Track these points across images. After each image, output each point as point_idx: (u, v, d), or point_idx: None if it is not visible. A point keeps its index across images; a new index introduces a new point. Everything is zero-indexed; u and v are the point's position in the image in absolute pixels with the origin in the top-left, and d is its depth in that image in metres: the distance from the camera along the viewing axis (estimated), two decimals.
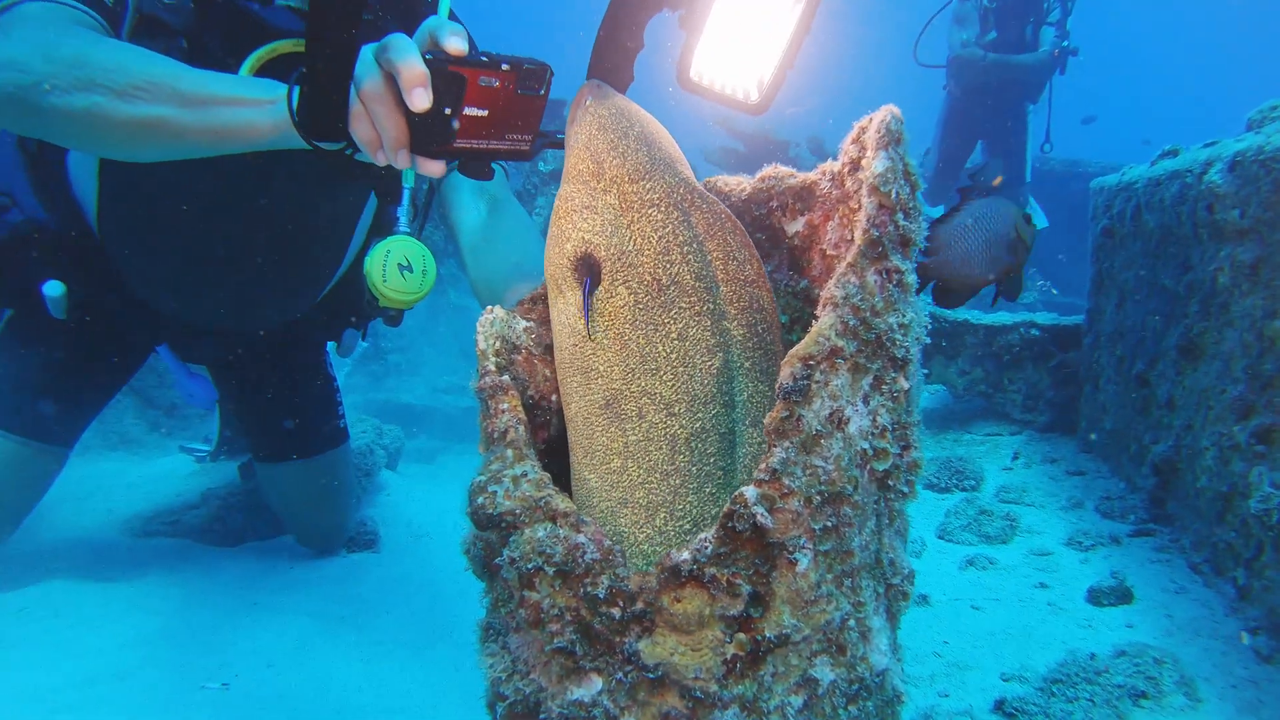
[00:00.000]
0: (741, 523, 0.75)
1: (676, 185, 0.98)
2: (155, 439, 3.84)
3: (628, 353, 0.94)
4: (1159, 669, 1.61)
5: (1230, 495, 1.98)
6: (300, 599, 2.28)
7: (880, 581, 0.87)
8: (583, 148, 1.00)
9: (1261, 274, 1.91)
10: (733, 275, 0.97)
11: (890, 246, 0.80)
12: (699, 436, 0.93)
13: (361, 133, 1.17)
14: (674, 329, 0.94)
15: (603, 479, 0.94)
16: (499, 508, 0.80)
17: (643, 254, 0.95)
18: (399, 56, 1.09)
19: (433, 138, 1.16)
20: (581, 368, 0.96)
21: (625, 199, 0.96)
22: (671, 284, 0.94)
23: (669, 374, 0.93)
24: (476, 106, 1.15)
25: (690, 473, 0.92)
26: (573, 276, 0.97)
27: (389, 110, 1.13)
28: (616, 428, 0.93)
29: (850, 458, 0.79)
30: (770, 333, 0.98)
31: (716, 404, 0.94)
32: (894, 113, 0.85)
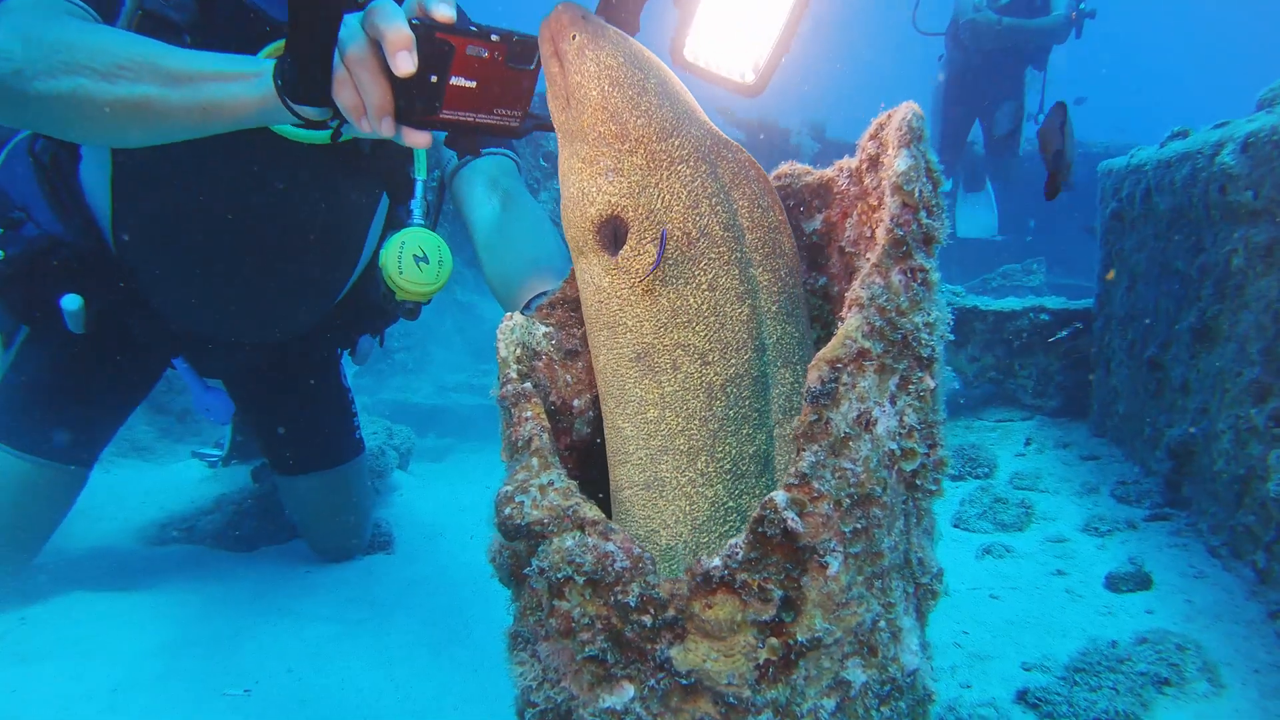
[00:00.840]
0: (772, 528, 0.75)
1: (703, 138, 0.96)
2: (166, 445, 3.86)
3: (658, 308, 0.93)
4: (1181, 655, 1.60)
5: (1248, 478, 1.97)
6: (318, 604, 2.29)
7: (909, 581, 0.87)
8: (598, 108, 0.94)
9: (1276, 255, 1.89)
10: (758, 222, 0.96)
11: (914, 245, 0.80)
12: (734, 382, 0.94)
13: (345, 98, 1.16)
14: (704, 280, 0.93)
15: (639, 428, 0.95)
16: (527, 517, 0.80)
17: (671, 210, 0.93)
18: (384, 20, 1.08)
19: (418, 106, 1.14)
20: (609, 323, 0.96)
21: (653, 158, 0.94)
22: (701, 236, 0.93)
23: (701, 325, 0.93)
24: (464, 77, 1.14)
25: (728, 417, 0.93)
26: (596, 239, 0.95)
27: (373, 75, 1.12)
28: (650, 379, 0.94)
29: (879, 459, 0.79)
30: (793, 276, 0.99)
31: (748, 349, 0.95)
32: (914, 110, 0.84)
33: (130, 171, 1.91)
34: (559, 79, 0.98)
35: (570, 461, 1.04)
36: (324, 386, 2.55)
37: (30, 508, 2.14)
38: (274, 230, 2.00)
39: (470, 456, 4.39)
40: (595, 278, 0.96)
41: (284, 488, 2.58)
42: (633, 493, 0.95)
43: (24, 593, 2.16)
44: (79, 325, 2.01)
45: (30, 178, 2.00)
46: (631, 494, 0.95)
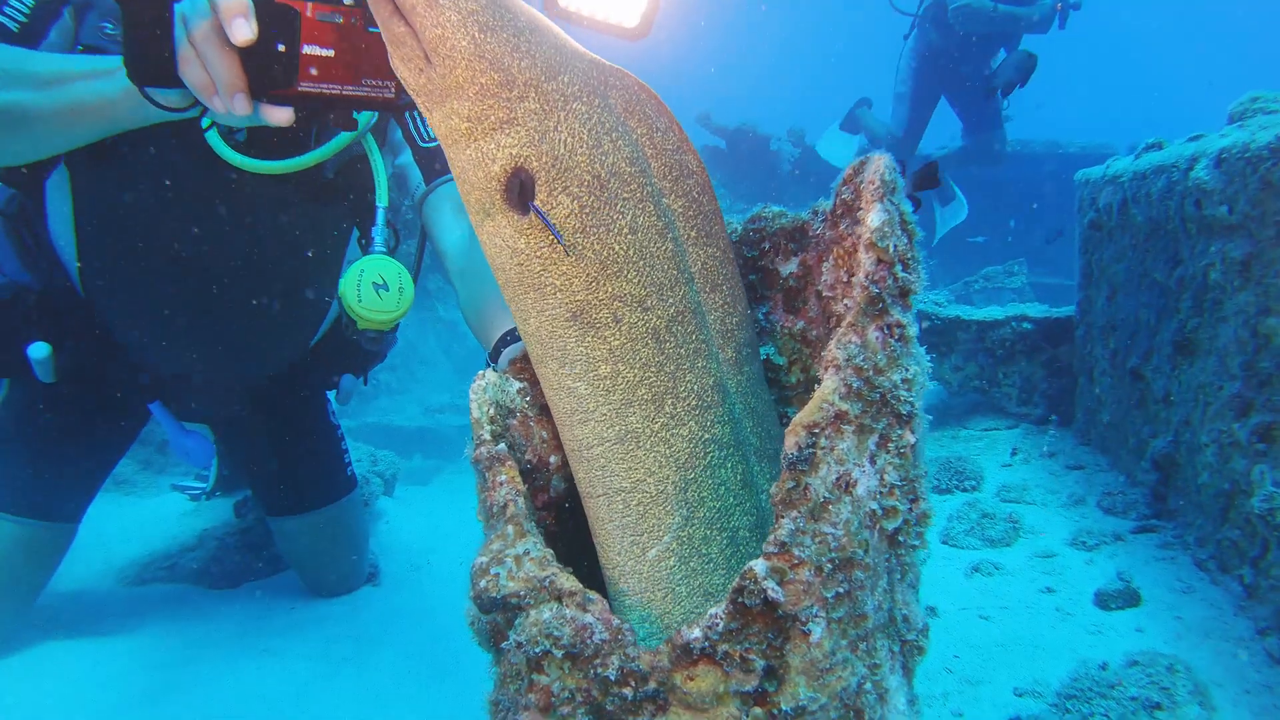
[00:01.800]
0: (752, 598, 0.73)
1: (589, 70, 0.91)
2: (147, 477, 3.79)
3: (585, 261, 0.88)
4: (1172, 678, 1.60)
5: (1232, 493, 1.97)
6: (303, 641, 2.25)
7: (895, 640, 0.86)
8: (472, 59, 0.85)
9: (1253, 270, 1.90)
10: (659, 147, 0.93)
11: (891, 300, 0.78)
12: (677, 320, 0.91)
13: (192, 76, 1.13)
14: (624, 223, 0.89)
15: (593, 385, 0.91)
16: (503, 590, 0.78)
17: (576, 154, 0.87)
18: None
19: (271, 79, 1.09)
20: (534, 285, 0.90)
21: (546, 100, 0.87)
22: (611, 176, 0.89)
23: (632, 271, 0.89)
24: (318, 45, 1.09)
25: (681, 355, 0.91)
26: (504, 199, 0.89)
27: (218, 49, 1.08)
28: (593, 336, 0.90)
29: (860, 521, 0.77)
30: (704, 194, 0.95)
31: (680, 284, 0.92)
32: (888, 163, 0.83)
33: (93, 216, 1.89)
34: (409, 38, 0.88)
35: (548, 517, 1.02)
36: (311, 426, 2.51)
37: (20, 568, 2.11)
38: (241, 267, 1.97)
39: (457, 478, 4.36)
40: (508, 240, 0.90)
41: (277, 530, 2.53)
42: (606, 448, 0.92)
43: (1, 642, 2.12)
44: (48, 374, 1.97)
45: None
46: (606, 449, 0.92)
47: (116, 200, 1.86)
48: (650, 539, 0.91)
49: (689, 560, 0.91)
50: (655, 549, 0.91)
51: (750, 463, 0.97)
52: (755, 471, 0.97)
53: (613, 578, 0.95)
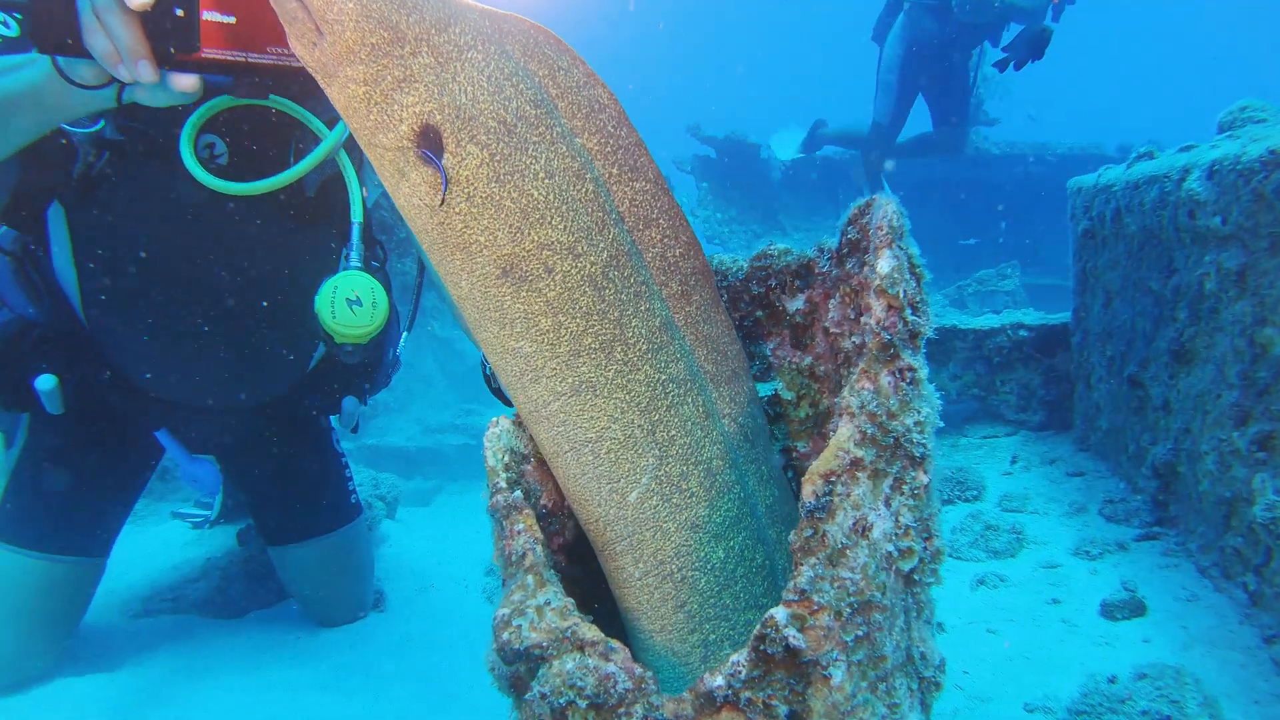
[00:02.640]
0: (774, 646, 0.74)
1: (479, 19, 0.90)
2: (148, 504, 3.78)
3: (504, 212, 0.87)
4: (1181, 690, 1.61)
5: (1234, 501, 1.99)
6: (311, 672, 2.25)
7: (913, 677, 0.86)
8: (360, 20, 0.85)
9: (1249, 280, 1.92)
10: (564, 86, 0.91)
11: (902, 345, 0.80)
12: (611, 264, 0.90)
13: (97, 44, 1.17)
14: (538, 167, 0.88)
15: (538, 341, 0.90)
16: (525, 641, 0.79)
17: (478, 102, 0.86)
18: None
19: (173, 44, 1.12)
20: (458, 244, 0.89)
21: (439, 53, 0.86)
22: (517, 120, 0.88)
23: (556, 216, 0.88)
24: (218, 11, 1.12)
25: (623, 299, 0.90)
26: (415, 154, 0.87)
27: (119, 15, 1.13)
28: (528, 290, 0.88)
29: (877, 564, 0.78)
30: (620, 127, 0.93)
31: (608, 226, 0.91)
32: (895, 208, 0.84)
33: (90, 249, 1.93)
34: (299, 12, 0.88)
35: (564, 556, 1.03)
36: (314, 453, 2.52)
37: (52, 604, 2.13)
38: (232, 290, 2.02)
39: (458, 497, 4.35)
40: (423, 198, 0.88)
41: (280, 561, 2.52)
42: (564, 401, 0.91)
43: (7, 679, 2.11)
44: (56, 405, 2.00)
45: (3, 267, 2.00)
46: (563, 403, 0.91)
47: (110, 232, 1.91)
48: (628, 483, 0.91)
49: (670, 497, 0.91)
50: (636, 492, 0.91)
51: (708, 392, 0.96)
52: (713, 398, 0.97)
53: (597, 529, 0.94)
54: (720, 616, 0.93)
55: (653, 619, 0.93)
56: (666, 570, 0.92)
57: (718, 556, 0.92)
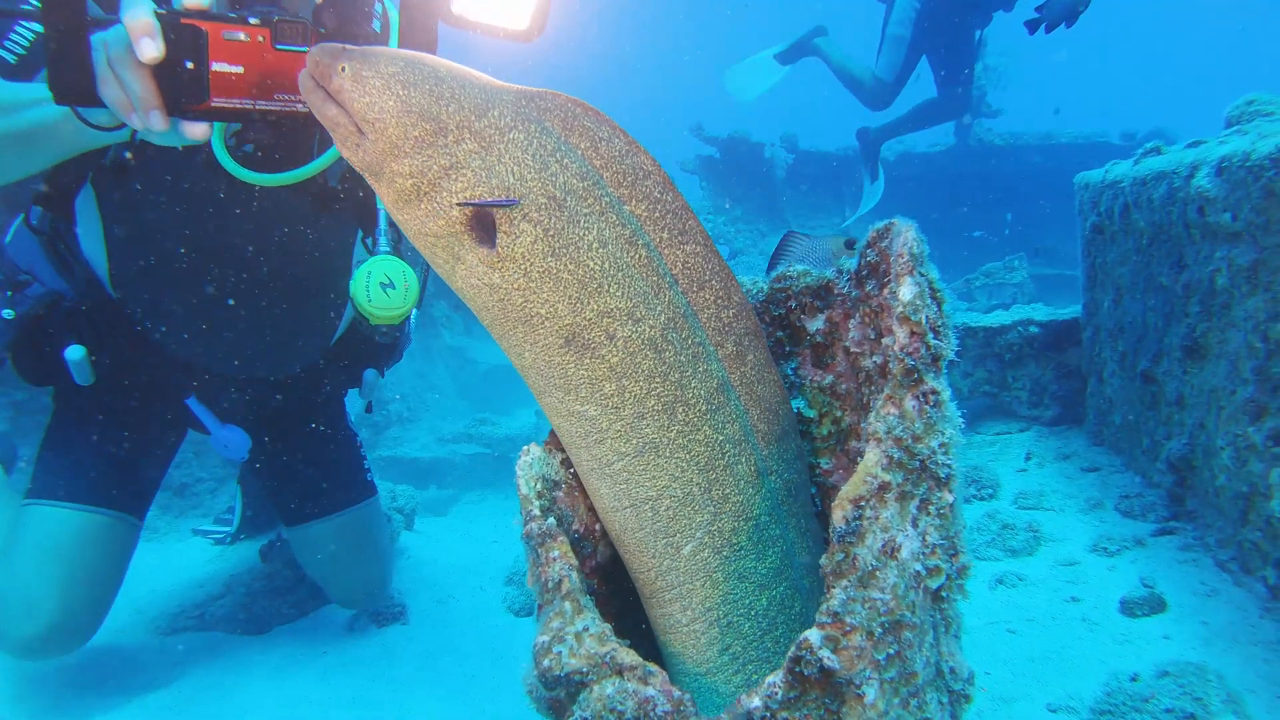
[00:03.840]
0: (809, 667, 0.76)
1: (517, 100, 0.93)
2: (167, 521, 3.82)
3: (563, 284, 0.90)
4: (1204, 687, 1.62)
5: (1251, 495, 1.99)
6: (337, 688, 2.28)
7: (943, 691, 0.88)
8: (401, 115, 0.89)
9: (1260, 276, 1.93)
10: (607, 157, 0.93)
11: (925, 369, 0.81)
12: (670, 327, 0.93)
13: (110, 94, 1.21)
14: (591, 238, 0.90)
15: (602, 405, 0.92)
16: (566, 667, 0.81)
17: (526, 181, 0.89)
18: (129, 10, 1.13)
19: (184, 95, 1.16)
20: (520, 319, 0.92)
21: (482, 138, 0.89)
22: (566, 194, 0.90)
23: (613, 284, 0.90)
24: (227, 63, 1.16)
25: (681, 361, 0.93)
26: (471, 239, 0.90)
27: (132, 69, 1.17)
28: (591, 357, 0.91)
29: (906, 584, 0.80)
30: (666, 193, 0.96)
31: (664, 289, 0.93)
32: (914, 234, 0.86)
33: (120, 230, 2.03)
34: (342, 118, 0.91)
35: (595, 578, 1.05)
36: (333, 431, 2.61)
37: (92, 558, 2.17)
38: (258, 271, 2.11)
39: (473, 506, 4.38)
40: (484, 278, 0.91)
41: (300, 542, 2.59)
42: (628, 461, 0.94)
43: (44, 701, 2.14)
44: (86, 376, 2.07)
45: (34, 246, 2.11)
46: (627, 463, 0.94)
47: (140, 215, 2.01)
48: (684, 538, 0.94)
49: (722, 550, 0.95)
50: (690, 545, 0.94)
51: (759, 450, 0.99)
52: (764, 456, 1.00)
53: (647, 579, 0.98)
54: (762, 659, 0.96)
55: (699, 662, 0.95)
56: (714, 617, 0.95)
57: (761, 605, 0.95)
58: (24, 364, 2.10)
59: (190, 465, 4.07)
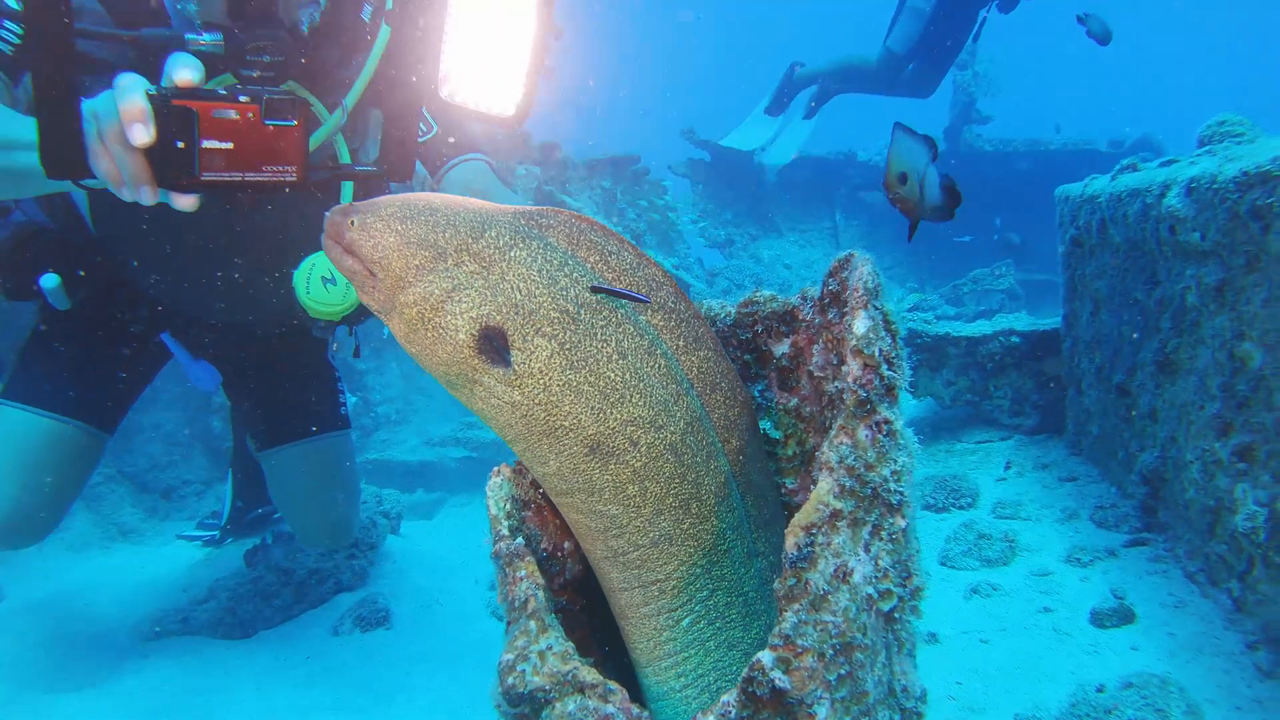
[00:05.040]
0: (761, 688, 0.79)
1: (515, 218, 0.95)
2: (153, 525, 3.84)
3: (584, 396, 0.92)
4: (1166, 698, 1.66)
5: (1218, 509, 2.04)
6: (321, 693, 2.30)
7: (895, 709, 0.91)
8: (401, 247, 0.92)
9: (1227, 296, 1.97)
10: (618, 269, 0.96)
11: (878, 400, 0.84)
12: (688, 431, 0.97)
13: (103, 168, 1.24)
14: (610, 349, 0.93)
15: (624, 505, 0.96)
16: (529, 685, 0.84)
17: (534, 296, 0.91)
18: (120, 94, 1.16)
19: (174, 171, 1.19)
20: (544, 432, 0.94)
21: (481, 257, 0.92)
22: (579, 308, 0.93)
23: (635, 394, 0.93)
24: (217, 139, 1.18)
25: (697, 461, 0.98)
26: (480, 361, 0.92)
27: (122, 148, 1.19)
28: (615, 463, 0.94)
29: (858, 607, 0.83)
30: (680, 302, 0.98)
31: (682, 396, 0.97)
32: (870, 270, 0.89)
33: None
34: (357, 266, 0.96)
35: (565, 594, 1.08)
36: (309, 363, 2.66)
37: (57, 461, 2.24)
38: (235, 227, 2.15)
39: (460, 510, 4.40)
40: (504, 396, 0.93)
41: (272, 467, 2.63)
42: (642, 552, 0.99)
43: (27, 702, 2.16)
44: (61, 301, 2.14)
45: None
46: (642, 553, 0.99)
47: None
48: (684, 611, 1.00)
49: (715, 622, 1.01)
50: (689, 618, 1.00)
51: (749, 534, 1.05)
52: (753, 539, 1.05)
53: (647, 648, 1.03)
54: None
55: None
56: (705, 683, 1.01)
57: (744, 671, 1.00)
58: (4, 283, 2.18)
59: (178, 468, 4.09)
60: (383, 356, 5.75)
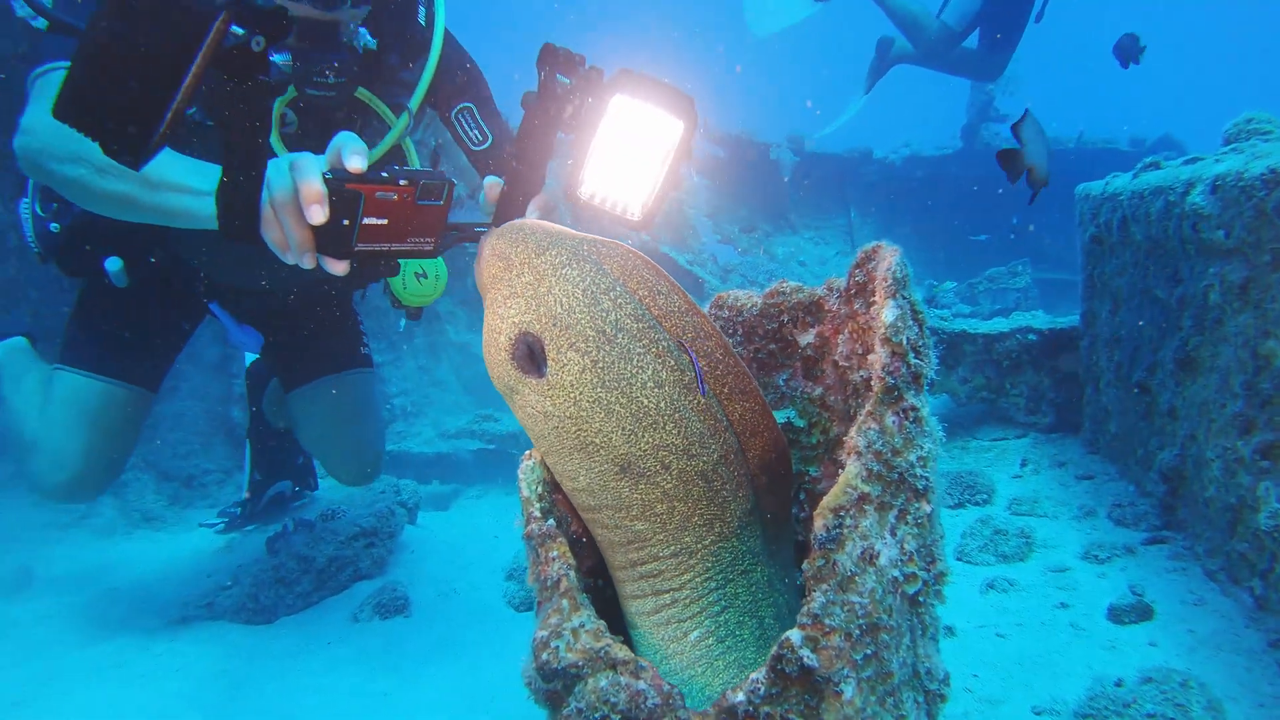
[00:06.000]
0: (790, 665, 0.80)
1: (580, 243, 1.01)
2: (175, 512, 3.89)
3: (615, 416, 0.95)
4: (1186, 694, 1.66)
5: (1239, 507, 2.03)
6: (344, 677, 2.33)
7: (919, 691, 0.93)
8: (489, 257, 1.06)
9: (1251, 294, 1.96)
10: (665, 310, 0.99)
11: (905, 387, 0.86)
12: (721, 462, 0.99)
13: (271, 235, 1.34)
14: (645, 376, 0.96)
15: (651, 522, 0.99)
16: (563, 661, 0.86)
17: (573, 312, 0.95)
18: (300, 175, 1.25)
19: (334, 243, 1.30)
20: (575, 446, 0.97)
21: (538, 271, 0.99)
22: (617, 331, 0.96)
23: (669, 424, 0.96)
24: (375, 216, 1.29)
25: (726, 489, 1.00)
26: (517, 367, 0.98)
27: (294, 220, 1.29)
28: (646, 483, 0.97)
29: (884, 589, 0.84)
30: (726, 355, 1.01)
31: (720, 433, 0.99)
32: (898, 259, 0.90)
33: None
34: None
35: (592, 578, 1.10)
36: (338, 317, 2.91)
37: (112, 422, 2.50)
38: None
39: (475, 502, 4.43)
40: (537, 406, 0.98)
41: (301, 406, 2.84)
42: (661, 563, 1.00)
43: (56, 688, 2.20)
44: (123, 281, 2.35)
45: None
46: (660, 564, 1.01)
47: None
48: (693, 624, 1.00)
49: (725, 640, 1.01)
50: (697, 632, 1.00)
51: (772, 568, 1.06)
52: (773, 575, 1.07)
53: (655, 659, 1.04)
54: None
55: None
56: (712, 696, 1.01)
57: None
58: (66, 264, 2.40)
59: (198, 457, 4.14)
60: (399, 350, 5.81)
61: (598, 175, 1.28)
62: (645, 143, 1.24)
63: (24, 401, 2.66)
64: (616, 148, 1.25)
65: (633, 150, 1.25)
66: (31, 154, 1.67)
